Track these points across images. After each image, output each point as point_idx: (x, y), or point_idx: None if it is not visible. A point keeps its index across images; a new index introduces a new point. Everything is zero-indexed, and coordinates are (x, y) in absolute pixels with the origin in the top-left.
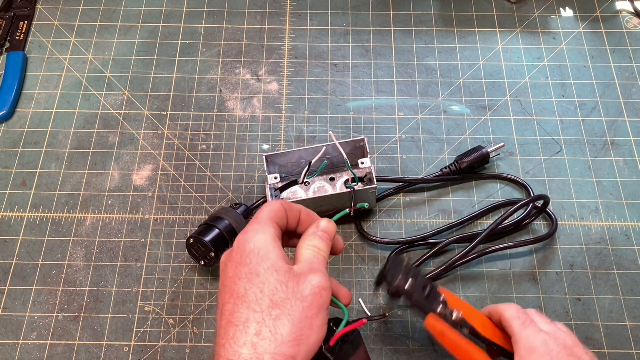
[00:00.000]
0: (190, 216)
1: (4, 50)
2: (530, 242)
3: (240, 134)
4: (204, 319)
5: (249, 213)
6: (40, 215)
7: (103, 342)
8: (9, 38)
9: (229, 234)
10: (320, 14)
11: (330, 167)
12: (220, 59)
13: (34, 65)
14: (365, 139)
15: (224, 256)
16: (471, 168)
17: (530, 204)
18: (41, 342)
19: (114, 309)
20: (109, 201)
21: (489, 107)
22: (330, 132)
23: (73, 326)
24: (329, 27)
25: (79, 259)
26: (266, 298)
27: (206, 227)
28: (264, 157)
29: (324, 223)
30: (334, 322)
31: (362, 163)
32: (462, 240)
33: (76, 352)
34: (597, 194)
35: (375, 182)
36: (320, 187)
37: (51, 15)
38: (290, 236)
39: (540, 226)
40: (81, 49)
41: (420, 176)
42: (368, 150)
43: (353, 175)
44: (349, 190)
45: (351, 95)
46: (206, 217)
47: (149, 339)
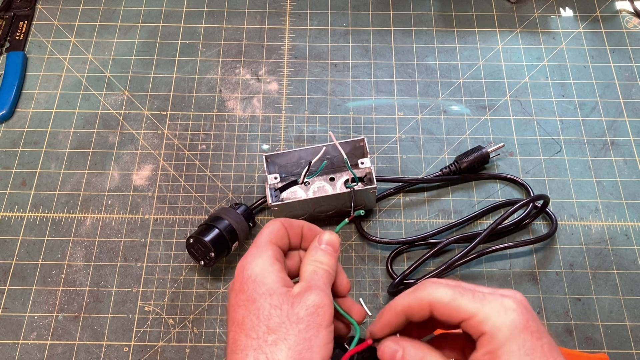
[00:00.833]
0: (190, 216)
1: (4, 50)
2: (530, 242)
3: (240, 134)
4: (204, 319)
5: (249, 213)
6: (40, 215)
7: (103, 342)
8: (9, 38)
9: (229, 234)
10: (320, 14)
11: (330, 167)
12: (220, 59)
13: (34, 65)
14: (365, 139)
15: (230, 285)
16: (471, 168)
17: (530, 204)
18: (41, 342)
19: (114, 309)
20: (109, 201)
21: (489, 107)
22: (330, 132)
23: (73, 326)
24: (329, 27)
25: (79, 259)
26: (262, 324)
27: (206, 227)
28: (264, 157)
29: (327, 235)
30: (349, 340)
31: (362, 163)
32: (462, 240)
33: (76, 352)
34: (597, 194)
35: (375, 182)
36: (320, 187)
37: (51, 15)
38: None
39: (540, 226)
40: (81, 49)
41: (420, 176)
42: (368, 151)
43: (353, 176)
44: (349, 190)
45: (351, 95)
46: (206, 217)
47: (149, 339)
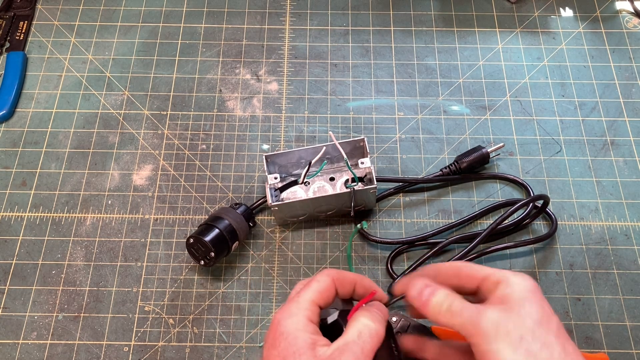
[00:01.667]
0: (190, 216)
1: (4, 50)
2: (530, 242)
3: (240, 134)
4: (204, 318)
5: (249, 213)
6: (40, 215)
7: (103, 342)
8: (9, 38)
9: (229, 234)
10: (320, 14)
11: (330, 167)
12: (220, 59)
13: (34, 65)
14: (365, 139)
15: (265, 334)
16: (471, 168)
17: (530, 204)
18: (41, 342)
19: (114, 309)
20: (109, 201)
21: (489, 107)
22: (330, 132)
23: (73, 326)
24: (329, 27)
25: (79, 259)
26: None
27: (206, 227)
28: (264, 157)
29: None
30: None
31: (362, 163)
32: (462, 240)
33: (76, 352)
34: (597, 194)
35: (375, 182)
36: (320, 187)
37: (51, 15)
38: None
39: (540, 226)
40: (81, 49)
41: (420, 176)
42: (368, 150)
43: (353, 175)
44: (349, 190)
45: (351, 95)
46: (206, 217)
47: (149, 339)
